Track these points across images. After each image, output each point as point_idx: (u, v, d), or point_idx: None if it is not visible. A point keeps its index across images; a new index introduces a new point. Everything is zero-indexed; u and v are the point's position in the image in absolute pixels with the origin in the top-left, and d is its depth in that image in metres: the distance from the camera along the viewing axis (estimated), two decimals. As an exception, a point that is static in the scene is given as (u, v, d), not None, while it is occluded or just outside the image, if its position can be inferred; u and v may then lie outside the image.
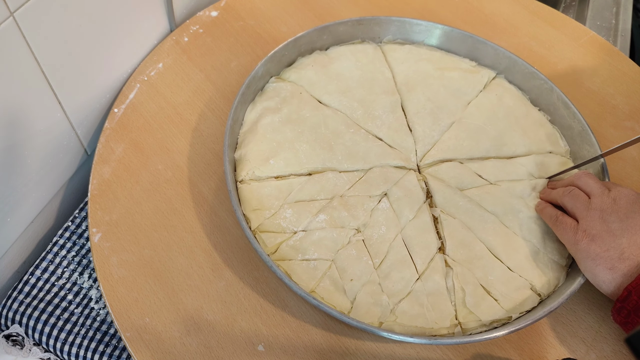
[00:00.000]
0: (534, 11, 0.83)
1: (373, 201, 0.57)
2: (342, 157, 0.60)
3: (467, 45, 0.70)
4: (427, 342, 0.48)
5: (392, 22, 0.70)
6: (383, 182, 0.58)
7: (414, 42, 0.72)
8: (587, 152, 0.61)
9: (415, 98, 0.65)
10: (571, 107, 0.63)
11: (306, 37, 0.67)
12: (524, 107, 0.66)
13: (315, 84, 0.65)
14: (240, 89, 0.61)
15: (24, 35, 0.50)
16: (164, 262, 0.56)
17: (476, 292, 0.52)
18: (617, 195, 0.51)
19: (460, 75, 0.68)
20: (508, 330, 0.49)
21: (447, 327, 0.51)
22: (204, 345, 0.52)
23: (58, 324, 0.58)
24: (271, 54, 0.64)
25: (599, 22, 0.97)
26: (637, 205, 0.50)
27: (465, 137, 0.63)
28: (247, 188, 0.57)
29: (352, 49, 0.69)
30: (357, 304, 0.51)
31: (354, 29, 0.69)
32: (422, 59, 0.69)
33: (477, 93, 0.67)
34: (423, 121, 0.64)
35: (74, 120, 0.63)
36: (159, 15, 0.71)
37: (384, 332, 0.48)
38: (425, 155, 0.62)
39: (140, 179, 0.61)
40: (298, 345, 0.52)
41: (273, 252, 0.53)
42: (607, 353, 0.53)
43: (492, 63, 0.70)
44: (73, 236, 0.63)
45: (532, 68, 0.67)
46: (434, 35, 0.71)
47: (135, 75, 0.69)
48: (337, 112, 0.63)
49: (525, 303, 0.52)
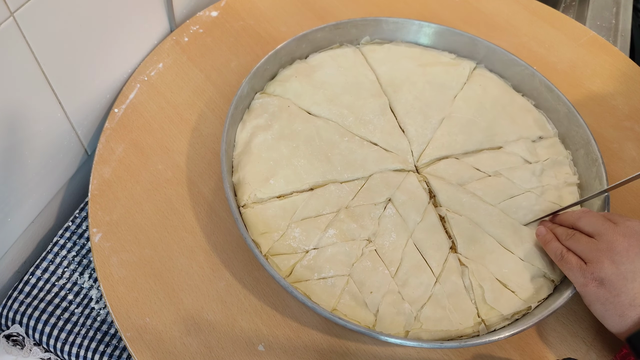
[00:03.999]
0: (534, 11, 0.83)
1: (379, 209, 0.57)
2: (341, 167, 0.59)
3: (445, 38, 0.70)
4: (428, 346, 0.48)
5: (368, 23, 0.70)
6: (385, 188, 0.58)
7: (392, 40, 0.72)
8: (576, 132, 0.62)
9: (402, 98, 0.65)
10: (554, 90, 0.64)
11: (286, 48, 0.66)
12: (508, 94, 0.67)
13: (301, 95, 0.65)
14: (228, 110, 0.59)
15: (24, 35, 0.50)
16: (164, 262, 0.56)
17: (494, 287, 0.53)
18: (625, 231, 0.48)
19: (443, 69, 0.68)
20: (509, 333, 0.49)
21: (471, 326, 0.51)
22: (204, 345, 0.52)
23: (58, 324, 0.58)
24: (254, 71, 0.63)
25: (599, 22, 0.97)
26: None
27: (458, 132, 0.63)
28: (251, 212, 0.55)
29: (331, 54, 0.69)
30: (380, 316, 0.51)
31: (331, 33, 0.69)
32: (403, 57, 0.69)
33: (461, 86, 0.67)
34: (414, 121, 0.64)
35: (74, 121, 0.63)
36: (159, 15, 0.71)
37: (383, 335, 0.48)
38: (422, 155, 0.62)
39: (140, 179, 0.61)
40: (298, 345, 0.52)
41: (288, 275, 0.53)
42: (607, 353, 0.53)
43: (470, 53, 0.70)
44: (73, 236, 0.63)
45: (511, 55, 0.67)
46: (411, 31, 0.71)
47: (135, 75, 0.69)
48: (328, 121, 0.63)
49: (541, 291, 0.53)
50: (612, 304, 0.46)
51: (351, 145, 0.61)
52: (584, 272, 0.48)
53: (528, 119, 0.65)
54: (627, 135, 0.69)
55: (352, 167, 0.59)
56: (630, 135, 0.69)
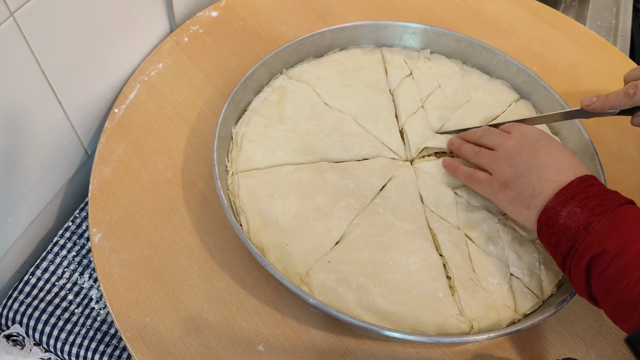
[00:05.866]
0: (534, 11, 0.83)
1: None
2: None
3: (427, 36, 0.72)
4: (427, 340, 0.48)
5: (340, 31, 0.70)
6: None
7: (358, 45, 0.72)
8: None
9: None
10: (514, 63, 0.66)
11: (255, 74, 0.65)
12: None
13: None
14: (222, 107, 0.60)
15: (24, 35, 0.50)
16: (164, 262, 0.56)
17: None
18: (518, 136, 0.54)
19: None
20: (508, 331, 0.49)
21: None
22: (204, 345, 0.52)
23: (58, 324, 0.58)
24: (252, 71, 0.63)
25: (599, 22, 0.97)
26: (539, 143, 0.52)
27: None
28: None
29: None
30: None
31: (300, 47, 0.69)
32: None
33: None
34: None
35: (74, 121, 0.63)
36: (159, 15, 0.71)
37: (386, 330, 0.48)
38: (418, 150, 0.62)
39: (140, 179, 0.61)
40: (298, 345, 0.52)
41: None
42: (607, 352, 0.53)
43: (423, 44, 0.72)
44: (73, 236, 0.63)
45: (508, 57, 0.68)
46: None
47: (135, 75, 0.69)
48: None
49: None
50: (518, 200, 0.50)
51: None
52: (491, 183, 0.53)
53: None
54: (626, 135, 0.69)
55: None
56: (630, 135, 0.69)
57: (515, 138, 0.54)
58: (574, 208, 0.46)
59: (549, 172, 0.50)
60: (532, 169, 0.50)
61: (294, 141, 0.61)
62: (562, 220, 0.46)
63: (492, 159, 0.54)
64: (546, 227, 0.48)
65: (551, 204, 0.48)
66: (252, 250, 0.50)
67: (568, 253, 0.46)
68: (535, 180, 0.50)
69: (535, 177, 0.50)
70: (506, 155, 0.53)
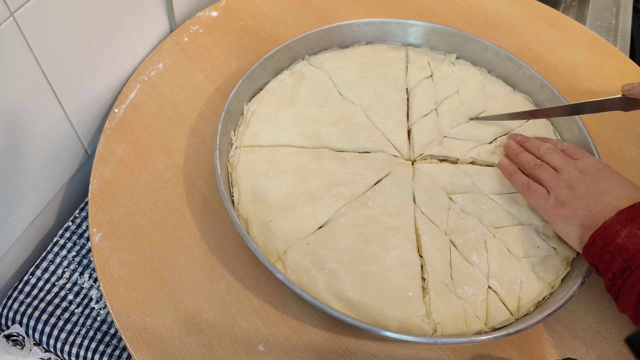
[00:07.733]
0: (534, 11, 0.83)
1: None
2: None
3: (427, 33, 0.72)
4: (427, 341, 0.48)
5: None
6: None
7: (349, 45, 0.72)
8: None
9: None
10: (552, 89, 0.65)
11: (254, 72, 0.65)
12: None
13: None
14: (220, 115, 0.59)
15: (24, 35, 0.50)
16: (164, 262, 0.56)
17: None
18: (583, 166, 0.54)
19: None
20: (508, 331, 0.49)
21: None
22: (204, 345, 0.52)
23: (58, 324, 0.58)
24: (251, 71, 0.63)
25: (599, 22, 0.97)
26: (602, 173, 0.53)
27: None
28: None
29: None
30: None
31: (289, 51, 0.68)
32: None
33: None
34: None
35: (74, 121, 0.63)
36: (159, 15, 0.71)
37: (385, 330, 0.48)
38: (420, 152, 0.62)
39: (140, 179, 0.61)
40: (298, 345, 0.52)
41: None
42: (607, 353, 0.53)
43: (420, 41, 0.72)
44: (73, 236, 0.63)
45: (509, 53, 0.68)
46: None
47: (135, 75, 0.69)
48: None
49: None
50: (572, 218, 0.52)
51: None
52: (547, 198, 0.54)
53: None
54: (627, 136, 0.69)
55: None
56: (630, 137, 0.69)
57: (580, 167, 0.54)
58: (635, 230, 0.46)
59: (608, 197, 0.51)
60: (592, 193, 0.51)
61: (301, 125, 0.62)
62: (620, 240, 0.47)
63: (554, 178, 0.55)
64: (601, 244, 0.48)
65: (611, 222, 0.48)
66: (234, 220, 0.52)
67: (621, 273, 0.46)
68: (594, 202, 0.51)
69: (594, 200, 0.51)
70: (568, 180, 0.54)
